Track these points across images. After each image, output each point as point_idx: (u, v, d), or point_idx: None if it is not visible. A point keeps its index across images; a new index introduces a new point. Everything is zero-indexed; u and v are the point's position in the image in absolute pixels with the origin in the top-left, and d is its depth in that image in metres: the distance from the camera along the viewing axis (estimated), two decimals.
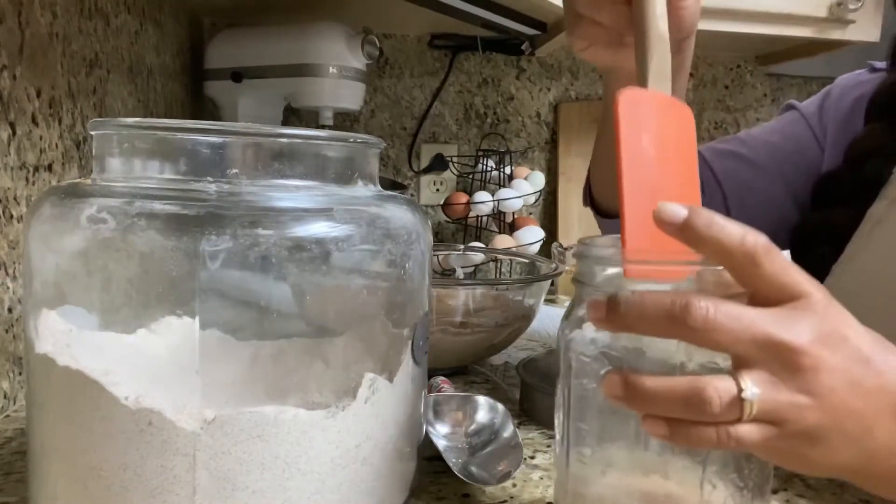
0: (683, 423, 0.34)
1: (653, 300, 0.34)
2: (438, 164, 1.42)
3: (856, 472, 0.36)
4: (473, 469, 0.51)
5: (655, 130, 0.41)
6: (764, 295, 0.34)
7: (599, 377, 0.39)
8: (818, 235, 0.67)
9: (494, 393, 0.72)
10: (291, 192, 0.41)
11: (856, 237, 0.62)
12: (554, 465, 0.47)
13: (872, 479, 0.37)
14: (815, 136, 0.74)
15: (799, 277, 0.34)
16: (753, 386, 0.33)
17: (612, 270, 0.41)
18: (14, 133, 0.63)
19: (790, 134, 0.75)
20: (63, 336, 0.40)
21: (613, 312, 0.34)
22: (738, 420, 0.33)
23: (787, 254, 0.67)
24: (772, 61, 1.48)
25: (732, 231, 0.34)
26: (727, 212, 0.75)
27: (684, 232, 0.34)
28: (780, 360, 0.33)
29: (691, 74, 1.52)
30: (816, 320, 0.33)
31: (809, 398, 0.33)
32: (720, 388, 0.33)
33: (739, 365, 0.34)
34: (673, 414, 0.34)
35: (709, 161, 0.77)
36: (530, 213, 1.45)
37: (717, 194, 0.76)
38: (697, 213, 0.34)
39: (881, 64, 0.73)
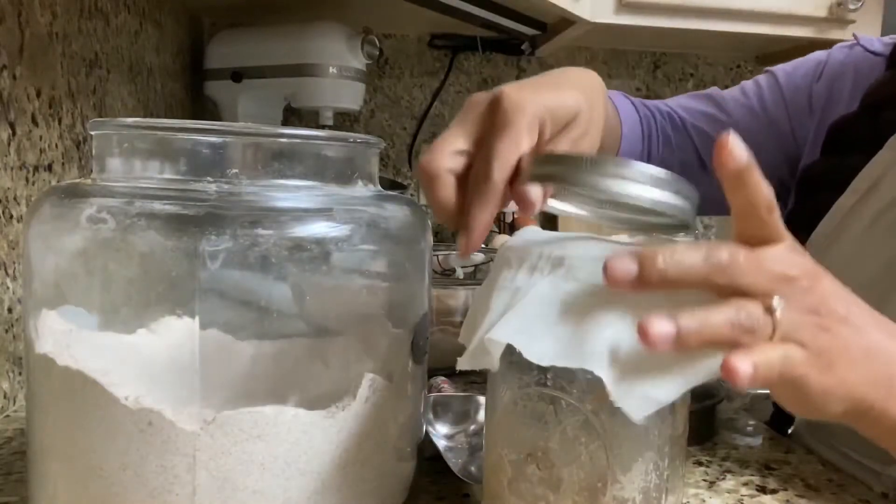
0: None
1: (688, 251, 0.34)
2: None
3: (863, 406, 0.37)
4: (473, 469, 0.51)
5: None
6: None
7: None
8: (825, 181, 0.66)
9: None
10: (291, 192, 0.41)
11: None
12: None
13: (879, 420, 0.38)
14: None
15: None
16: (780, 300, 0.34)
17: None
18: (14, 133, 0.63)
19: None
20: (63, 336, 0.40)
21: (649, 267, 0.34)
22: (770, 336, 0.34)
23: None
24: (772, 61, 1.47)
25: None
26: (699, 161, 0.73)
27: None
28: (794, 288, 0.35)
29: (691, 74, 1.52)
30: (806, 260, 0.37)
31: (820, 317, 0.35)
32: (752, 304, 0.34)
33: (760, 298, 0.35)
34: (717, 333, 0.34)
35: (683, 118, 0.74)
36: None
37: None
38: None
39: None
